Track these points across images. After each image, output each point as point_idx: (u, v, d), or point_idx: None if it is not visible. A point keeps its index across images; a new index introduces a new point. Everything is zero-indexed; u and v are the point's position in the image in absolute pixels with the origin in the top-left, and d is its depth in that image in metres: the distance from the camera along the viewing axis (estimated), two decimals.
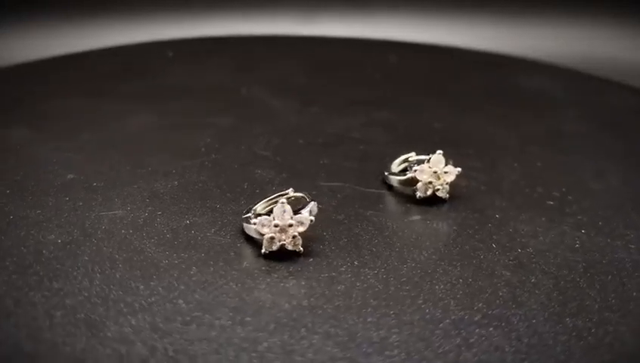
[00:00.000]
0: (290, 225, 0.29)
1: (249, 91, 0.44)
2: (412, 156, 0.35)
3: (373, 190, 0.34)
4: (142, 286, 0.27)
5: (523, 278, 0.29)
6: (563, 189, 0.35)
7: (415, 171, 0.33)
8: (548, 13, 0.66)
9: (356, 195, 0.34)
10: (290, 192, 0.32)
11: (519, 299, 0.27)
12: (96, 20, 0.57)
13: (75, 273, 0.27)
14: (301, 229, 0.29)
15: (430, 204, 0.33)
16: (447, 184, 0.33)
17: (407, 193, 0.33)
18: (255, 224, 0.29)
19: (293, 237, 0.29)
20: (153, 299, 0.26)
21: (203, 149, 0.37)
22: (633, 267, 0.29)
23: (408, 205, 0.33)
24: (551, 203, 0.34)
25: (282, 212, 0.29)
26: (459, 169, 0.33)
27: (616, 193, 0.35)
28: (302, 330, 0.25)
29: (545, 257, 0.30)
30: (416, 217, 0.32)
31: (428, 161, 0.33)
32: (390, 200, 0.34)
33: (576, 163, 0.37)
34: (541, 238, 0.31)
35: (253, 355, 0.24)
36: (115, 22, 0.58)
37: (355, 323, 0.26)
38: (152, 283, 0.27)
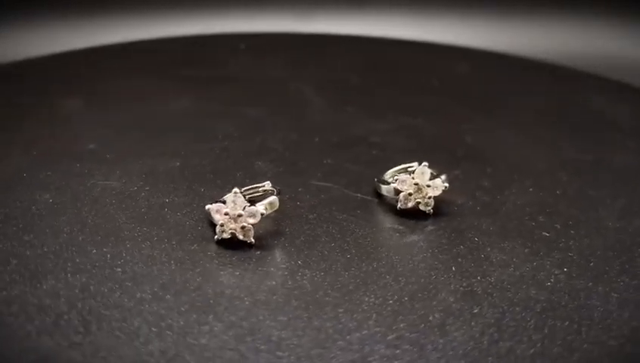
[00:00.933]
0: (240, 215, 0.29)
1: (295, 87, 0.44)
2: (414, 165, 0.34)
3: (360, 196, 0.33)
4: (95, 251, 0.29)
5: (466, 307, 0.26)
6: (570, 222, 0.31)
7: (397, 181, 0.32)
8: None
9: (340, 198, 0.33)
10: (267, 185, 0.32)
11: (447, 327, 0.25)
12: (174, 9, 0.61)
13: (47, 230, 0.30)
14: (251, 221, 0.29)
15: (412, 217, 0.32)
16: (429, 198, 0.31)
17: (394, 203, 0.32)
18: (209, 209, 0.30)
19: (243, 227, 0.29)
20: (98, 263, 0.28)
21: (219, 136, 0.38)
22: (601, 317, 0.26)
23: (389, 215, 0.32)
24: (547, 234, 0.30)
25: (233, 201, 0.29)
26: (446, 185, 0.31)
27: (632, 235, 0.30)
28: (210, 316, 0.26)
29: (503, 290, 0.27)
30: (388, 227, 0.31)
31: (413, 172, 0.32)
32: (373, 208, 0.33)
33: (603, 198, 0.33)
34: (511, 270, 0.28)
35: (154, 329, 0.25)
36: (190, 12, 0.62)
37: (263, 319, 0.26)
38: (105, 249, 0.29)
